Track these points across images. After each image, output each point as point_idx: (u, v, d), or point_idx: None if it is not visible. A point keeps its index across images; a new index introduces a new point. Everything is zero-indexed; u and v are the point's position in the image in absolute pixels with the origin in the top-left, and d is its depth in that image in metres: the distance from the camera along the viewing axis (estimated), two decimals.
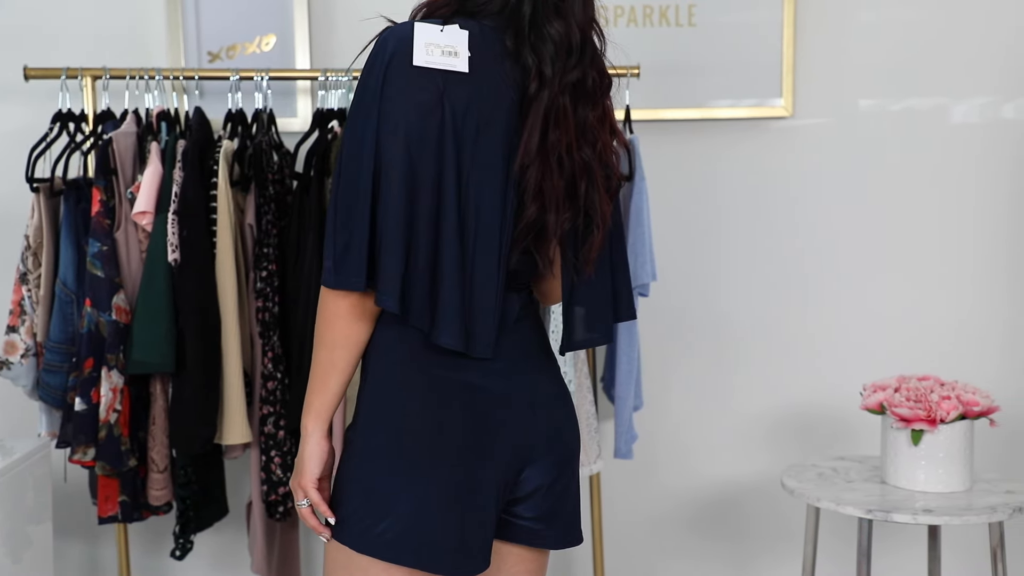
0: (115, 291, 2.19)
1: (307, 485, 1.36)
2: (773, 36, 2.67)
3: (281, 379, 2.29)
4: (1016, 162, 2.67)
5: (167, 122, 2.33)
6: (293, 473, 1.39)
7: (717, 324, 2.74)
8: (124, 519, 2.26)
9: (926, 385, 2.02)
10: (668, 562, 2.79)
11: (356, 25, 2.67)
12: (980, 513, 1.89)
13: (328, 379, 1.35)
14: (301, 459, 1.37)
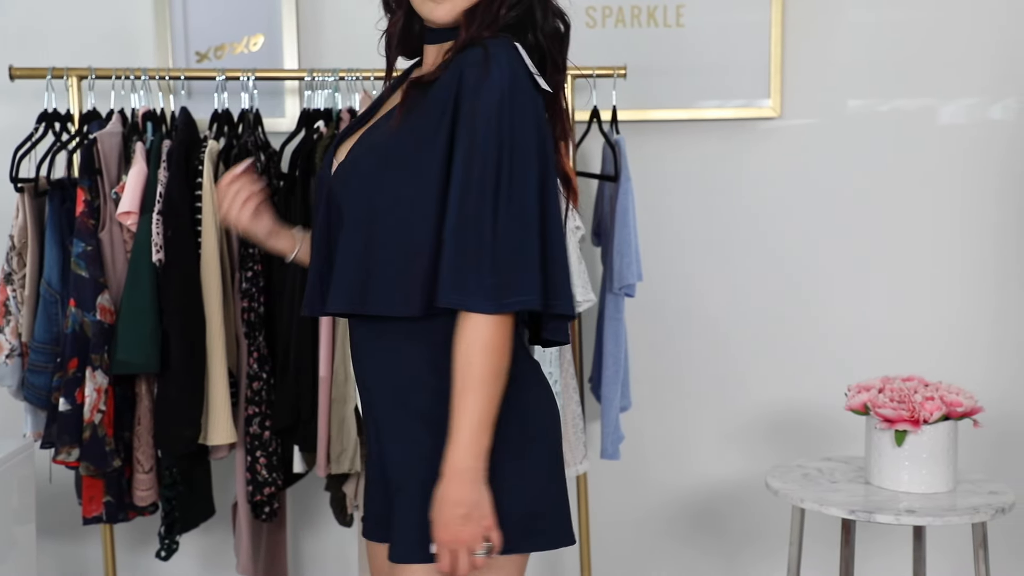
0: (100, 291, 2.19)
1: (493, 526, 1.30)
2: (761, 37, 2.67)
3: (267, 379, 2.29)
4: (1003, 163, 2.67)
5: (153, 122, 2.33)
6: (461, 522, 1.28)
7: (704, 325, 2.74)
8: (109, 520, 2.26)
9: (910, 386, 2.02)
10: (655, 562, 2.79)
11: (344, 25, 2.70)
12: (963, 514, 1.90)
13: (495, 413, 1.31)
14: (479, 503, 1.28)
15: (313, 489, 2.66)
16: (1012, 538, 2.69)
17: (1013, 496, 2.00)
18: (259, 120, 2.38)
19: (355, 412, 2.24)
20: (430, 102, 1.34)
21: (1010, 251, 2.69)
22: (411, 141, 1.34)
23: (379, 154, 1.37)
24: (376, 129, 1.42)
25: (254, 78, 2.36)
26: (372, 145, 1.40)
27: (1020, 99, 2.66)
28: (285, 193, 2.29)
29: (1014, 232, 2.69)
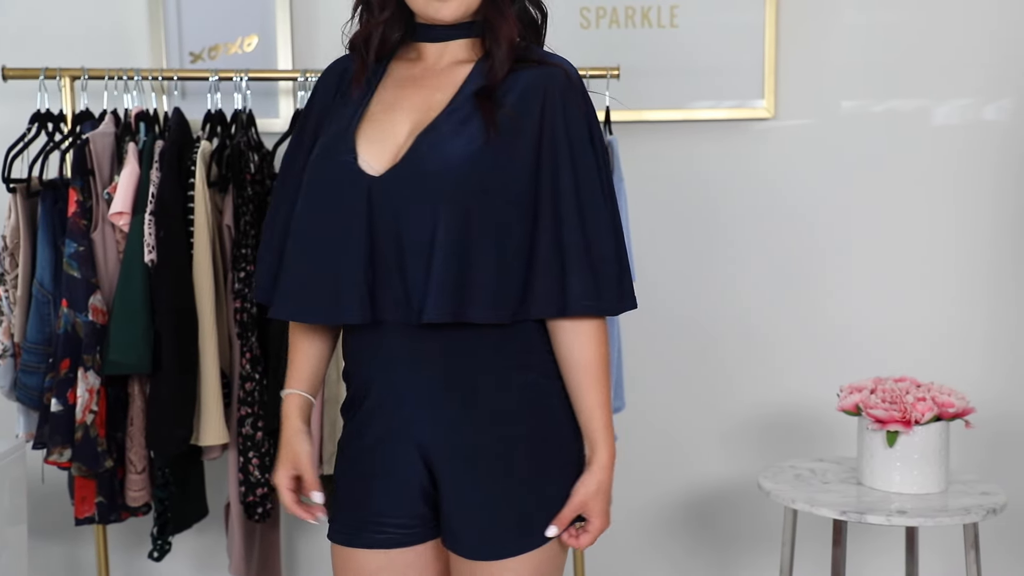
0: (92, 292, 2.19)
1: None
2: (755, 38, 2.67)
3: (259, 380, 2.29)
4: (997, 163, 2.67)
5: (146, 122, 2.33)
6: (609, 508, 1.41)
7: (697, 325, 2.74)
8: (101, 520, 2.25)
9: (902, 387, 2.03)
10: (648, 563, 2.79)
11: (338, 26, 2.69)
12: (954, 515, 1.90)
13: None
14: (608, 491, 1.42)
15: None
16: (1005, 538, 2.70)
17: (1005, 497, 2.01)
18: (252, 121, 2.38)
19: None
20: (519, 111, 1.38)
21: (1005, 252, 2.69)
22: (511, 149, 1.36)
23: (479, 162, 1.35)
24: (451, 130, 1.37)
25: (247, 78, 2.36)
26: (465, 150, 1.35)
27: (1014, 100, 2.66)
28: None
29: (1008, 233, 2.69)
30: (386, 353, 1.39)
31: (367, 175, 1.37)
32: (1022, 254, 2.68)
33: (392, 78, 1.46)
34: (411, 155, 1.37)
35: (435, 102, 1.41)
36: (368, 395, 1.43)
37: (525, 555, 1.39)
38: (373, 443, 1.42)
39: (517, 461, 1.39)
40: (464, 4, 1.39)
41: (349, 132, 1.41)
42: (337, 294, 1.37)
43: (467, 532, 1.40)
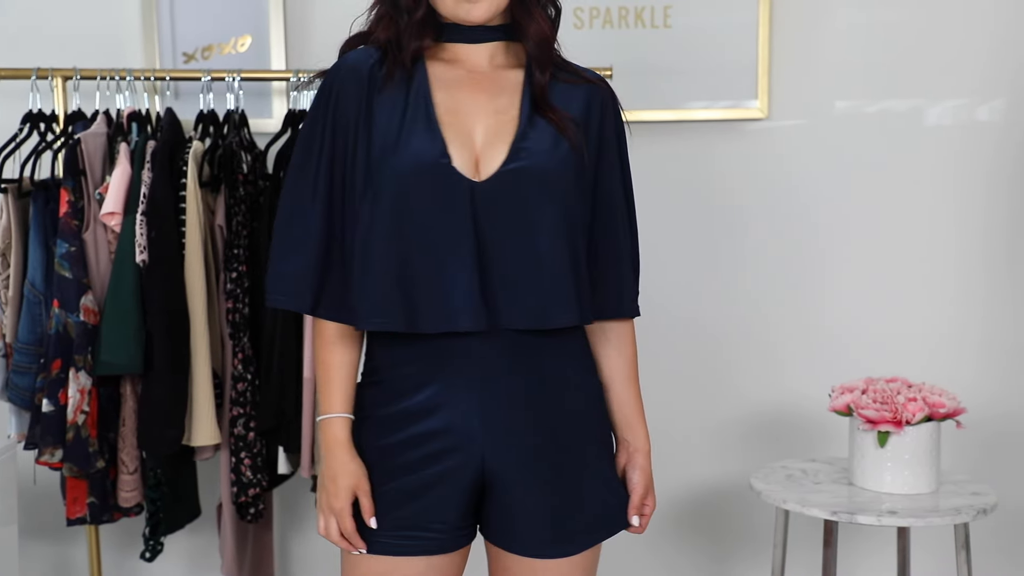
0: (83, 292, 2.19)
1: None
2: (748, 38, 2.67)
3: (251, 380, 2.29)
4: (991, 164, 2.67)
5: (138, 123, 2.32)
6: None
7: (692, 325, 2.73)
8: (93, 521, 2.25)
9: (893, 387, 2.03)
10: (642, 564, 2.79)
11: (332, 26, 2.69)
12: (944, 515, 1.90)
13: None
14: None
15: (301, 490, 2.66)
16: (999, 538, 2.69)
17: (995, 497, 2.00)
18: (244, 121, 2.38)
19: None
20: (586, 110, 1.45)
21: (999, 252, 2.69)
22: (579, 158, 1.43)
23: (570, 168, 1.42)
24: (538, 137, 1.41)
25: (239, 79, 2.36)
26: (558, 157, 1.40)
27: (1007, 100, 2.66)
28: (270, 193, 2.29)
29: (1003, 233, 2.69)
30: (458, 360, 1.38)
31: (467, 179, 1.38)
32: (1016, 254, 2.68)
33: (439, 80, 1.43)
34: (511, 164, 1.39)
35: (501, 106, 1.43)
36: (430, 402, 1.39)
37: (588, 551, 1.46)
38: (433, 452, 1.39)
39: (588, 460, 1.45)
40: (494, 4, 1.40)
41: (436, 134, 1.39)
42: (454, 301, 1.36)
43: (534, 532, 1.42)
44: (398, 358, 1.41)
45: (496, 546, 1.46)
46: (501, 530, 1.44)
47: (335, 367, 1.42)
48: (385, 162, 1.38)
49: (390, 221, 1.37)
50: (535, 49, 1.43)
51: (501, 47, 1.46)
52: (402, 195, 1.37)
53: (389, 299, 1.36)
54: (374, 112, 1.40)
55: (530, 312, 1.38)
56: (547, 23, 1.44)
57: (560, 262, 1.40)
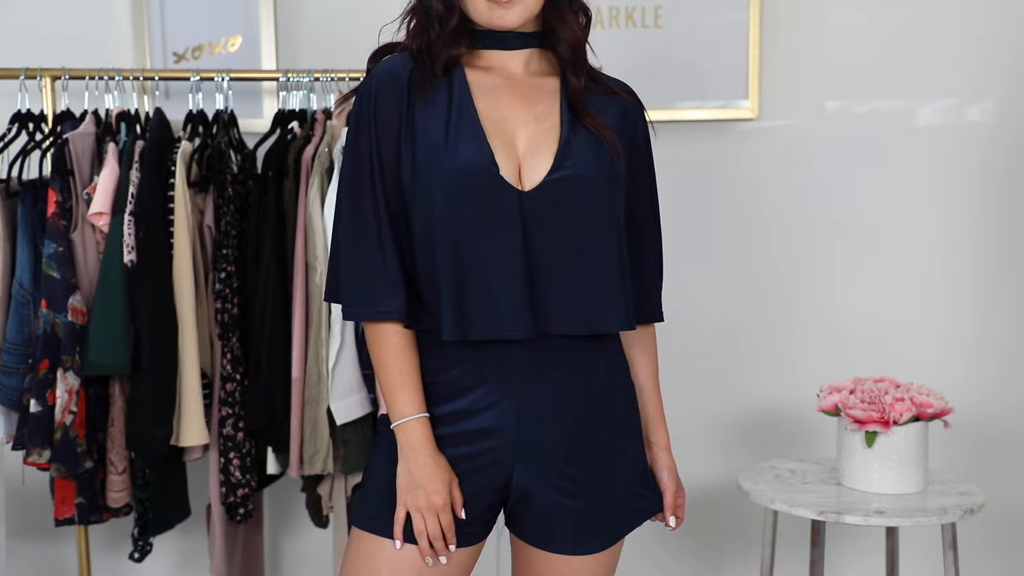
0: (71, 292, 2.18)
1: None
2: (739, 38, 2.67)
3: (240, 380, 2.28)
4: (980, 164, 2.67)
5: (127, 123, 2.32)
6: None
7: (682, 325, 2.71)
8: (81, 521, 2.25)
9: (881, 387, 2.03)
10: (631, 563, 2.78)
11: (322, 26, 2.69)
12: (931, 515, 1.90)
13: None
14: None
15: (291, 491, 2.66)
16: (988, 538, 2.69)
17: (983, 497, 2.00)
18: (234, 121, 2.38)
19: (327, 413, 2.23)
20: (622, 118, 1.49)
21: (990, 253, 2.69)
22: (618, 165, 1.46)
23: (614, 178, 1.45)
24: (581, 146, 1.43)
25: (228, 79, 2.36)
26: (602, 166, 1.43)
27: (997, 101, 2.66)
28: (259, 194, 2.29)
29: (993, 234, 2.69)
30: (499, 364, 1.42)
31: (515, 188, 1.40)
32: (1006, 255, 2.68)
33: (479, 87, 1.45)
34: (557, 173, 1.41)
35: (541, 113, 1.45)
36: (472, 405, 1.43)
37: (613, 547, 1.51)
38: (471, 452, 1.44)
39: (626, 459, 1.49)
40: (527, 9, 1.41)
41: (483, 144, 1.40)
42: (504, 310, 1.39)
43: (562, 531, 1.47)
44: (443, 363, 1.45)
45: (523, 540, 1.50)
46: (529, 526, 1.48)
47: (400, 371, 1.44)
48: (432, 171, 1.40)
49: (441, 231, 1.39)
50: (569, 53, 1.45)
51: (535, 54, 1.48)
52: (451, 204, 1.39)
53: (441, 307, 1.40)
54: (415, 120, 1.42)
55: (579, 319, 1.42)
56: (580, 27, 1.46)
57: (608, 268, 1.44)
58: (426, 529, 1.42)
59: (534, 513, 1.47)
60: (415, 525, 1.43)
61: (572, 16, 1.46)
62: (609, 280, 1.44)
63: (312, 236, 2.22)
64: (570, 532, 1.47)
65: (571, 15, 1.46)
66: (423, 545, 1.43)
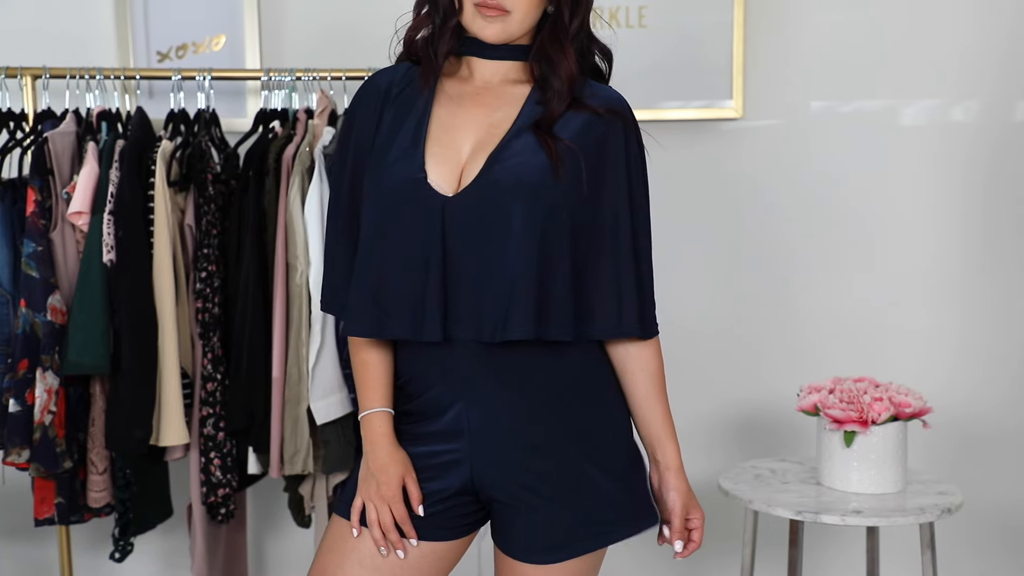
0: (50, 292, 2.18)
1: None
2: (723, 37, 2.66)
3: (221, 380, 2.28)
4: (964, 164, 2.67)
5: (108, 122, 2.32)
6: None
7: (667, 325, 2.72)
8: (61, 521, 2.24)
9: (860, 387, 2.03)
10: (612, 563, 2.78)
11: (306, 26, 2.69)
12: (908, 514, 1.90)
13: None
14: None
15: (275, 490, 2.66)
16: (972, 537, 2.69)
17: (961, 497, 2.00)
18: (215, 120, 2.37)
19: (308, 413, 2.23)
20: (585, 131, 1.44)
21: (973, 253, 2.69)
22: (574, 176, 1.42)
23: (550, 187, 1.41)
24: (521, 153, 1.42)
25: (210, 78, 2.35)
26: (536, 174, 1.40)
27: (981, 100, 2.66)
28: (239, 194, 2.28)
29: (977, 234, 2.69)
30: (456, 369, 1.44)
31: (439, 195, 1.41)
32: (990, 255, 2.68)
33: (446, 95, 1.47)
34: (485, 176, 1.41)
35: (496, 120, 1.45)
36: (432, 405, 1.47)
37: (580, 560, 1.48)
38: (432, 451, 1.47)
39: (583, 473, 1.47)
40: (507, 30, 1.42)
41: (418, 151, 1.43)
42: (417, 312, 1.41)
43: (525, 538, 1.47)
44: (409, 362, 1.48)
45: (497, 547, 1.52)
46: (500, 532, 1.50)
47: (366, 365, 1.49)
48: (368, 176, 1.45)
49: (370, 235, 1.44)
50: (560, 84, 1.44)
51: (516, 66, 1.48)
52: (382, 209, 1.43)
53: (364, 306, 1.43)
54: (380, 127, 1.46)
55: (487, 325, 1.40)
56: (575, 61, 1.45)
57: (523, 274, 1.40)
58: (377, 519, 1.44)
59: (502, 519, 1.49)
60: (367, 515, 1.46)
61: (571, 52, 1.45)
62: (519, 288, 1.39)
63: (292, 236, 2.22)
64: (534, 540, 1.47)
65: (570, 47, 1.45)
66: (376, 535, 1.45)
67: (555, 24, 1.44)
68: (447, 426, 1.46)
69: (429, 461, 1.48)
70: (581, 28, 1.47)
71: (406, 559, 1.47)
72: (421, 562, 1.48)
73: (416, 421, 1.49)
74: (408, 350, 1.48)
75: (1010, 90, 2.64)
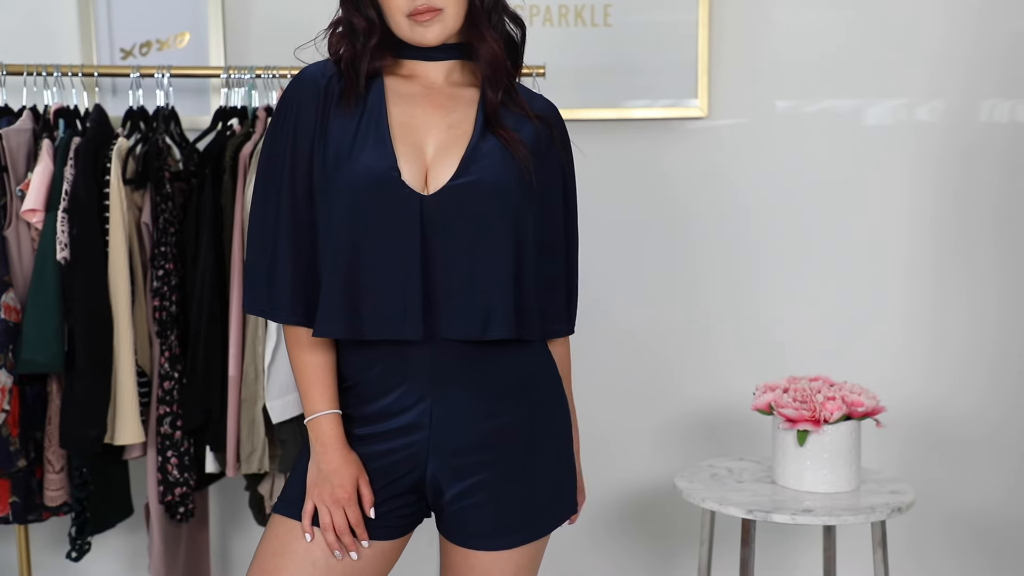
0: (4, 290, 2.17)
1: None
2: (688, 36, 2.66)
3: (178, 379, 2.27)
4: (930, 164, 2.67)
5: (65, 119, 2.31)
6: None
7: (629, 325, 2.73)
8: (16, 520, 2.23)
9: (814, 386, 2.03)
10: (573, 564, 2.78)
11: (271, 24, 2.68)
12: (860, 513, 1.90)
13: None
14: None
15: (238, 489, 2.65)
16: (926, 536, 2.70)
17: (913, 495, 2.01)
18: (175, 117, 2.36)
19: (263, 412, 2.22)
20: (535, 139, 1.50)
21: (940, 254, 2.69)
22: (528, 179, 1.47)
23: (521, 188, 1.46)
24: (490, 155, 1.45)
25: (169, 75, 2.34)
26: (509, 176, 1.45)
27: (946, 100, 2.66)
28: (196, 191, 2.27)
29: (944, 234, 2.68)
30: (425, 367, 1.45)
31: (416, 193, 1.42)
32: (956, 256, 2.68)
33: (396, 94, 1.48)
34: (461, 177, 1.43)
35: (453, 121, 1.47)
36: (391, 406, 1.47)
37: (528, 546, 1.52)
38: (387, 449, 1.48)
39: (541, 459, 1.52)
40: (446, 28, 1.44)
41: (387, 148, 1.43)
42: (397, 311, 1.41)
43: (478, 527, 1.48)
44: (364, 363, 1.47)
45: (445, 538, 1.53)
46: (448, 523, 1.51)
47: (312, 368, 1.48)
48: (337, 175, 1.43)
49: (341, 233, 1.42)
50: (487, 69, 1.47)
51: (457, 65, 1.51)
52: (352, 207, 1.42)
53: (337, 307, 1.42)
54: (329, 126, 1.45)
55: (468, 324, 1.43)
56: (498, 45, 1.47)
57: (502, 276, 1.44)
58: (332, 522, 1.43)
59: (454, 510, 1.49)
60: (321, 519, 1.45)
61: (491, 33, 1.47)
62: (501, 288, 1.44)
63: None
64: (485, 527, 1.49)
65: (490, 32, 1.47)
66: (330, 539, 1.44)
67: (472, 11, 1.46)
68: (405, 422, 1.47)
69: (381, 461, 1.48)
70: (495, 7, 1.48)
71: (358, 559, 1.47)
72: (372, 562, 1.49)
73: (378, 421, 1.48)
74: (360, 351, 1.48)
75: (977, 90, 2.64)
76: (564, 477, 1.56)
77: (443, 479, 1.48)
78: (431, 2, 1.41)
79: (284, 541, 1.48)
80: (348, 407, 1.50)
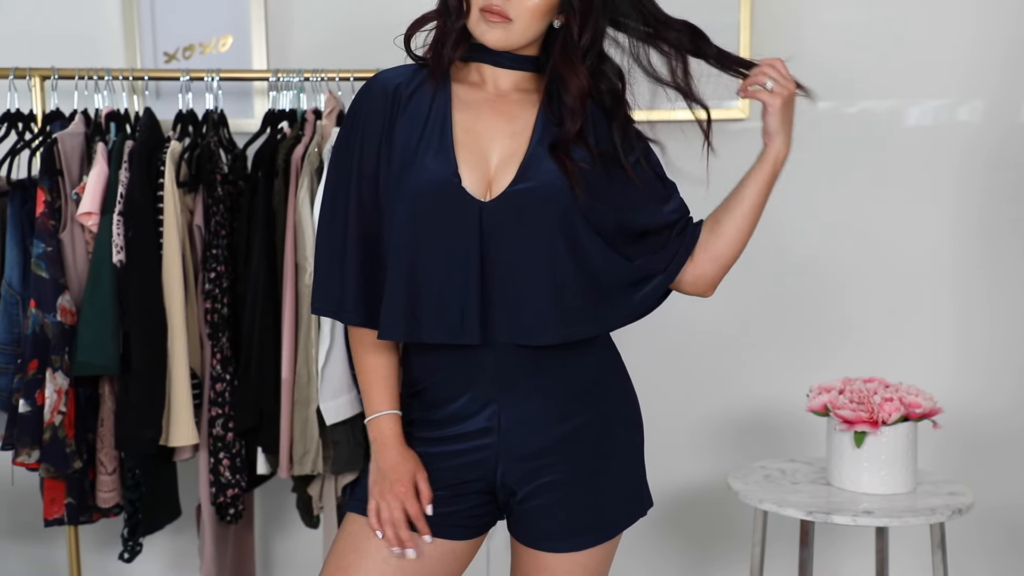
0: (60, 292, 2.18)
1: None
2: (730, 38, 2.65)
3: (230, 381, 2.28)
4: (971, 164, 2.67)
5: (116, 123, 2.32)
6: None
7: (671, 326, 2.72)
8: (70, 522, 2.25)
9: (870, 387, 2.03)
10: (621, 565, 2.78)
11: (313, 26, 2.69)
12: (920, 514, 1.90)
13: None
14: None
15: (283, 491, 2.66)
16: (982, 538, 2.70)
17: (972, 497, 2.01)
18: (224, 120, 2.38)
19: (317, 413, 2.23)
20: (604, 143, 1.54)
21: (985, 254, 2.69)
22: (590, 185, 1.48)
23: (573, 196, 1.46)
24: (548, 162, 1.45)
25: (218, 79, 2.35)
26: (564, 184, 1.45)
27: (986, 101, 2.66)
28: (248, 194, 2.28)
29: (987, 235, 2.68)
30: (488, 372, 1.46)
31: (477, 200, 1.43)
32: (999, 256, 2.68)
33: (462, 101, 1.49)
34: (518, 184, 1.44)
35: (517, 129, 1.48)
36: (461, 410, 1.48)
37: (600, 547, 1.53)
38: (456, 451, 1.49)
39: (611, 462, 1.52)
40: (508, 38, 1.44)
41: (449, 155, 1.44)
42: (455, 315, 1.43)
43: (549, 529, 1.49)
44: (428, 368, 1.49)
45: (517, 541, 1.54)
46: (521, 525, 1.52)
47: (375, 368, 1.51)
48: (400, 180, 1.45)
49: (403, 238, 1.44)
50: (574, 101, 1.46)
51: (525, 76, 1.51)
52: (413, 213, 1.44)
53: (397, 311, 1.44)
54: (396, 132, 1.46)
55: (528, 328, 1.44)
56: (587, 78, 1.46)
57: (559, 280, 1.44)
58: (390, 517, 1.46)
59: (524, 512, 1.51)
60: (381, 514, 1.47)
61: (583, 69, 1.46)
62: (558, 292, 1.44)
63: (302, 236, 2.22)
64: (554, 529, 1.50)
65: (580, 64, 1.46)
66: (388, 534, 1.46)
67: (565, 40, 1.46)
68: (474, 427, 1.48)
69: (452, 462, 1.49)
70: (592, 46, 1.47)
71: (428, 557, 1.48)
72: (442, 561, 1.50)
73: (446, 425, 1.49)
74: (424, 356, 1.49)
75: (1018, 90, 2.65)
76: (634, 479, 1.57)
77: (513, 482, 1.49)
78: (505, 9, 1.41)
79: (357, 539, 1.50)
80: (417, 411, 1.52)
